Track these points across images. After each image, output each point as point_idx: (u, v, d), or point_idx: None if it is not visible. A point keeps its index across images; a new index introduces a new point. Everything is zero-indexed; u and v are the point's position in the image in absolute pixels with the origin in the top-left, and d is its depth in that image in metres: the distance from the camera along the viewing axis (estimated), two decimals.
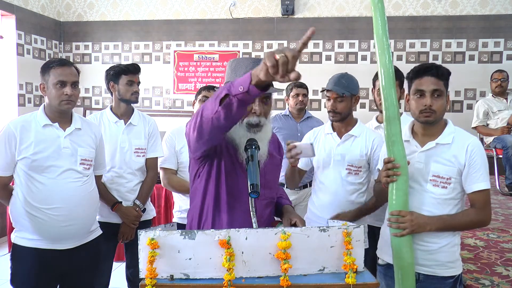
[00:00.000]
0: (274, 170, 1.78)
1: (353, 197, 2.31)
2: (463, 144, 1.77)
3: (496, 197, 4.04)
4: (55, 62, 2.09)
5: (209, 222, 1.66)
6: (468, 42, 5.59)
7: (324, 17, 5.82)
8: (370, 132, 2.36)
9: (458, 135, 1.81)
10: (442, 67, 1.81)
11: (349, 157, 2.30)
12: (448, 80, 1.82)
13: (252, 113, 1.58)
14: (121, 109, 2.65)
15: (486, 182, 1.76)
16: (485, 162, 1.77)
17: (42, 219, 2.02)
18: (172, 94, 6.08)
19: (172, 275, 1.28)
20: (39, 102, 5.67)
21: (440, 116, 1.81)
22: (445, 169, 1.77)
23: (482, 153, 1.78)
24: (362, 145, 2.30)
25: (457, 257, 1.82)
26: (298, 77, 1.15)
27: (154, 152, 2.69)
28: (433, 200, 1.78)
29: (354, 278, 1.27)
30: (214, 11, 6.01)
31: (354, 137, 2.33)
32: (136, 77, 2.63)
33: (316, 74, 5.61)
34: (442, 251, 1.77)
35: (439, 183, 1.77)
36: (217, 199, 1.66)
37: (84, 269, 2.19)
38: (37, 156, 2.03)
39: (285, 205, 1.77)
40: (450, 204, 1.79)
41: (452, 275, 1.79)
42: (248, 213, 1.61)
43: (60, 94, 2.06)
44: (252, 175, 1.44)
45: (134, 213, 2.59)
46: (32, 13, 5.61)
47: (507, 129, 4.28)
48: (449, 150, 1.78)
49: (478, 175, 1.75)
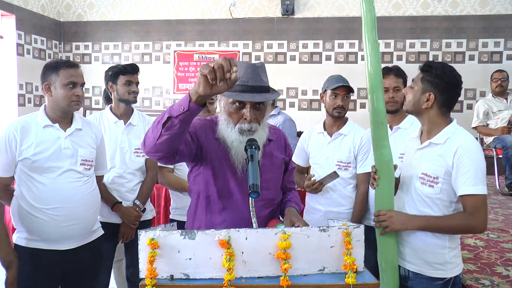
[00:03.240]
0: (274, 170, 1.76)
1: (345, 191, 2.46)
2: (454, 145, 1.72)
3: (496, 197, 4.04)
4: (63, 63, 2.09)
5: (202, 223, 1.68)
6: (468, 42, 5.60)
7: (324, 17, 5.82)
8: (359, 130, 2.51)
9: (454, 136, 1.75)
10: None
11: (338, 155, 2.48)
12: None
13: (244, 119, 1.58)
14: (120, 110, 2.65)
15: (475, 187, 1.66)
16: (476, 166, 1.67)
17: (42, 220, 2.02)
18: (172, 94, 6.08)
19: (172, 275, 1.28)
20: (39, 102, 5.67)
21: (409, 107, 1.83)
22: (433, 168, 1.76)
23: (473, 157, 1.68)
24: (350, 143, 2.47)
25: (447, 260, 1.76)
26: (236, 78, 1.27)
27: None
28: (420, 198, 1.79)
29: (354, 278, 1.27)
30: (214, 11, 6.01)
31: (344, 135, 2.49)
32: (134, 77, 2.62)
33: (316, 74, 5.62)
34: (428, 251, 1.77)
35: (426, 182, 1.77)
36: (208, 200, 1.67)
37: (86, 269, 2.19)
38: (37, 157, 2.03)
39: (289, 206, 1.77)
40: (438, 205, 1.75)
41: (440, 277, 1.76)
42: (240, 214, 1.64)
43: (71, 95, 2.07)
44: (252, 175, 1.44)
45: (134, 213, 2.59)
46: (32, 13, 5.61)
47: (507, 129, 4.28)
48: (439, 150, 1.77)
49: (465, 179, 1.67)
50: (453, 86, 1.77)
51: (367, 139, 2.39)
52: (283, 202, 1.83)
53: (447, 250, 1.76)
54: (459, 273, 1.79)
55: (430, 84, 1.77)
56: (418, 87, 1.80)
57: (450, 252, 1.76)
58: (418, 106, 1.80)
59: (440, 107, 1.78)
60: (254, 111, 1.58)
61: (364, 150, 2.44)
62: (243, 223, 1.59)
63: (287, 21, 5.89)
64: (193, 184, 1.74)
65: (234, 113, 1.59)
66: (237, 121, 1.59)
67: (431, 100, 1.77)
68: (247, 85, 1.56)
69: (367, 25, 1.85)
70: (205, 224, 1.67)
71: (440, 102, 1.77)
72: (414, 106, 1.82)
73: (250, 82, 1.56)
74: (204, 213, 1.68)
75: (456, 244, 1.80)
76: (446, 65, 1.81)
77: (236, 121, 1.59)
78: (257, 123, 1.59)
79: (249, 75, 1.57)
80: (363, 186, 2.44)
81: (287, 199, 1.84)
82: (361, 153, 2.45)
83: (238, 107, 1.58)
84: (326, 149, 2.52)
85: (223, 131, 1.62)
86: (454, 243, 1.78)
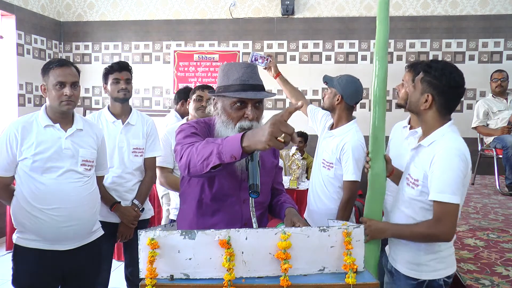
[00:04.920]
0: (266, 175, 1.75)
1: (326, 189, 2.51)
2: (435, 150, 1.69)
3: (496, 197, 4.04)
4: (54, 63, 2.08)
5: (193, 227, 1.67)
6: (468, 42, 5.60)
7: (324, 17, 5.82)
8: (347, 136, 2.46)
9: (439, 140, 1.71)
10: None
11: (324, 153, 2.55)
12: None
13: (245, 117, 1.59)
14: (116, 109, 2.65)
15: (442, 195, 1.61)
16: (449, 174, 1.62)
17: (43, 220, 2.02)
18: (172, 94, 6.07)
19: (172, 275, 1.28)
20: (39, 102, 5.67)
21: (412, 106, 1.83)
22: (415, 170, 1.77)
23: (447, 164, 1.64)
24: (333, 146, 2.49)
25: (421, 261, 1.75)
26: (296, 139, 1.34)
27: (153, 152, 2.70)
28: (404, 199, 1.81)
29: (354, 278, 1.27)
30: (214, 11, 6.01)
31: (334, 136, 2.52)
32: (122, 74, 2.60)
33: (316, 74, 5.62)
34: (405, 250, 1.79)
35: (410, 183, 1.78)
36: (200, 204, 1.67)
37: (86, 269, 2.19)
38: (38, 157, 2.03)
39: (288, 207, 1.77)
40: (418, 207, 1.73)
41: (414, 277, 1.76)
42: (232, 216, 1.64)
43: (60, 95, 2.05)
44: (252, 175, 1.44)
45: (133, 213, 2.59)
46: (32, 13, 5.61)
47: (507, 129, 4.28)
48: (423, 152, 1.76)
49: (434, 184, 1.64)
50: (452, 88, 1.72)
51: (350, 147, 2.39)
52: (278, 204, 1.83)
53: (423, 252, 1.75)
54: (438, 278, 1.74)
55: (429, 85, 1.74)
56: (418, 87, 1.78)
57: (428, 255, 1.74)
58: (417, 107, 1.78)
59: (439, 109, 1.75)
60: (254, 109, 1.59)
61: (346, 157, 2.41)
62: (236, 226, 1.58)
63: (287, 21, 5.89)
64: (187, 187, 1.73)
65: (234, 113, 1.60)
66: (237, 121, 1.60)
67: (429, 101, 1.73)
68: (248, 84, 1.58)
69: (379, 43, 1.91)
70: (196, 228, 1.65)
71: (438, 103, 1.73)
72: (413, 106, 1.81)
73: (250, 81, 1.59)
74: (196, 216, 1.68)
75: (436, 249, 1.75)
76: (448, 65, 1.75)
77: (237, 120, 1.60)
78: (257, 122, 1.61)
79: (249, 74, 1.59)
80: (344, 195, 2.44)
81: (282, 200, 1.83)
82: (343, 159, 2.43)
83: (239, 107, 1.59)
84: (319, 144, 2.65)
85: (222, 132, 1.62)
86: (433, 247, 1.74)
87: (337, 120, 2.52)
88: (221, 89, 1.63)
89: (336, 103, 2.49)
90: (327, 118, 2.68)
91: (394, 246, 1.87)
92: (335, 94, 2.49)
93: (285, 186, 4.05)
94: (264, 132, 1.26)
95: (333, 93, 2.50)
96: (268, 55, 2.76)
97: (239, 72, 1.60)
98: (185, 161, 1.48)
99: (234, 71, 1.61)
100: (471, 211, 3.45)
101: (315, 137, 3.00)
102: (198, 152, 1.43)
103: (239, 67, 1.61)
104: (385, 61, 1.90)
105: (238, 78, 1.59)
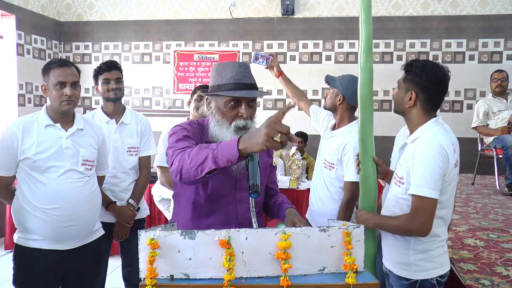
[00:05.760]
0: (262, 174, 1.70)
1: (327, 190, 2.49)
2: (417, 145, 1.70)
3: (496, 197, 4.04)
4: (54, 63, 2.08)
5: (188, 228, 1.66)
6: (468, 42, 5.59)
7: (324, 17, 5.82)
8: (349, 136, 2.43)
9: (422, 136, 1.72)
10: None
11: (326, 153, 2.53)
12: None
13: (239, 116, 1.60)
14: (109, 109, 2.65)
15: (418, 188, 1.62)
16: (426, 168, 1.63)
17: (43, 219, 2.02)
18: (172, 94, 6.07)
19: (172, 275, 1.28)
20: (39, 102, 5.67)
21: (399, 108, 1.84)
22: (399, 168, 1.78)
23: (424, 158, 1.64)
24: (335, 146, 2.46)
25: (411, 261, 1.75)
26: (295, 138, 1.31)
27: (147, 151, 2.70)
28: (391, 197, 1.82)
29: (354, 278, 1.27)
30: (214, 11, 6.01)
31: (335, 136, 2.49)
32: (111, 74, 2.58)
33: (316, 74, 5.62)
34: (396, 250, 1.80)
35: (396, 181, 1.79)
36: (194, 205, 1.67)
37: (86, 269, 2.19)
38: (38, 157, 2.03)
39: (289, 208, 1.77)
40: (405, 205, 1.73)
41: (405, 277, 1.76)
42: (227, 216, 1.64)
43: (60, 95, 2.05)
44: (252, 175, 1.45)
45: (128, 213, 2.59)
46: (32, 13, 5.61)
47: (507, 129, 4.28)
48: (406, 149, 1.78)
49: (412, 179, 1.66)
50: (434, 83, 1.73)
51: (351, 148, 2.37)
52: (276, 205, 1.82)
53: (411, 252, 1.75)
54: (430, 278, 1.73)
55: (411, 83, 1.77)
56: (402, 87, 1.81)
57: (416, 255, 1.74)
58: (402, 106, 1.81)
59: (423, 106, 1.76)
60: (248, 108, 1.60)
61: (347, 157, 2.40)
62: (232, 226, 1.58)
63: (287, 21, 5.89)
64: (181, 189, 1.72)
65: (229, 112, 1.61)
66: (232, 120, 1.60)
67: (413, 98, 1.76)
68: (242, 82, 1.59)
69: (364, 45, 1.90)
70: (191, 229, 1.65)
71: (422, 100, 1.75)
72: (399, 106, 1.83)
73: (244, 80, 1.60)
74: (191, 218, 1.68)
75: (425, 248, 1.74)
76: (428, 62, 1.77)
77: (231, 119, 1.60)
78: (251, 120, 1.62)
79: (242, 73, 1.61)
80: (345, 195, 2.43)
81: (280, 201, 1.83)
82: (345, 160, 2.42)
83: (233, 106, 1.60)
84: (321, 145, 2.62)
85: (216, 132, 1.62)
86: (421, 247, 1.74)
87: (339, 120, 2.52)
88: (214, 88, 1.64)
89: (338, 103, 2.48)
90: (329, 118, 2.67)
91: (385, 247, 1.87)
92: (337, 94, 2.48)
93: (285, 186, 4.08)
94: (260, 134, 1.29)
95: (335, 93, 2.49)
96: (270, 54, 2.76)
97: (233, 71, 1.60)
98: (176, 167, 1.47)
99: (228, 70, 1.62)
100: (471, 211, 3.45)
101: (315, 137, 3.01)
102: (191, 158, 1.43)
103: (232, 66, 1.62)
104: (369, 64, 1.89)
105: (232, 77, 1.59)
